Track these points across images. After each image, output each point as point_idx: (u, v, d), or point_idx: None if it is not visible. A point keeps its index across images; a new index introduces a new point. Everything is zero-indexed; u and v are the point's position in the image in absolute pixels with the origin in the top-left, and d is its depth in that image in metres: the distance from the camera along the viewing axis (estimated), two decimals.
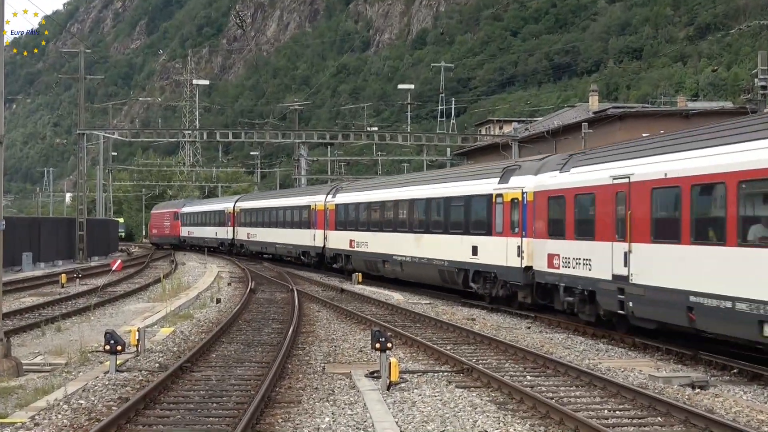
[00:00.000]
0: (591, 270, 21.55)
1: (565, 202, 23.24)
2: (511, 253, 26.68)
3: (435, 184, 34.05)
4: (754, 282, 15.21)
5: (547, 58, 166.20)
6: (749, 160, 15.00)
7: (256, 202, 63.86)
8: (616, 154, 21.47)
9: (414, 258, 34.39)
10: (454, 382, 15.75)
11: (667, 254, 18.12)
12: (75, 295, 32.83)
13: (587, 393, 14.87)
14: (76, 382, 15.37)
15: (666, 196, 18.40)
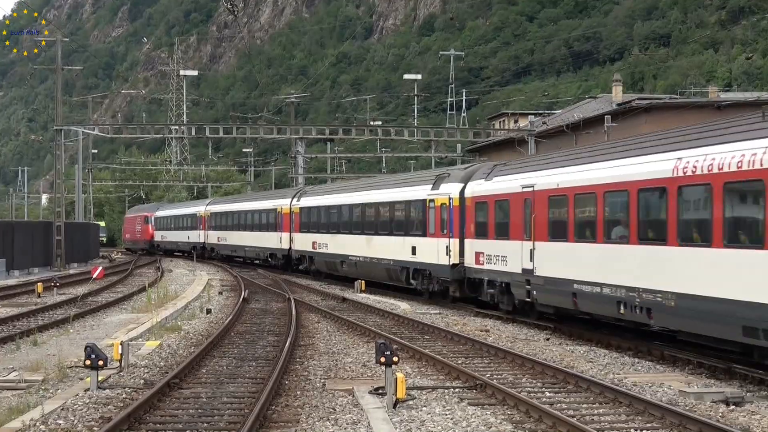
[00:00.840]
0: (507, 265, 27.58)
1: (488, 206, 29.20)
2: (441, 252, 32.58)
3: (383, 189, 40.12)
4: (615, 271, 21.30)
5: (566, 45, 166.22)
6: (611, 175, 21.65)
7: (226, 205, 69.60)
8: (526, 166, 27.67)
9: (366, 258, 40.22)
10: (466, 399, 15.74)
11: (559, 250, 24.24)
12: (52, 305, 32.84)
13: (612, 410, 14.85)
14: (54, 401, 15.37)
15: (558, 202, 24.33)
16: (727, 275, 17.20)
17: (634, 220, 20.67)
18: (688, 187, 18.54)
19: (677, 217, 18.90)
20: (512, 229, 27.19)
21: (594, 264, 22.33)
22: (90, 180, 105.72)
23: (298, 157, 70.77)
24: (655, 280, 19.56)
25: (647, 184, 20.11)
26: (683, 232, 18.75)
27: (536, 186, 25.63)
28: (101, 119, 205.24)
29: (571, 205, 23.61)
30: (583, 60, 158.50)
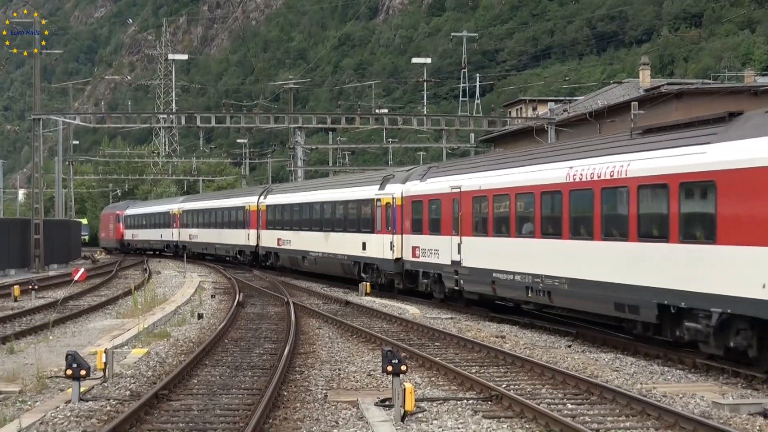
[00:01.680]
0: (439, 258, 33.57)
1: (422, 205, 35.30)
2: (386, 248, 38.49)
3: (339, 188, 46.26)
4: (524, 261, 27.05)
5: (589, 25, 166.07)
6: (521, 180, 27.40)
7: (198, 203, 75.60)
8: (455, 170, 33.90)
9: (324, 254, 46.51)
10: (480, 412, 15.74)
11: (481, 244, 30.36)
12: (30, 310, 32.89)
13: (639, 423, 14.85)
14: (33, 414, 15.40)
15: (480, 202, 30.32)
16: (604, 263, 23.08)
17: (538, 217, 26.47)
18: (576, 190, 24.37)
19: (569, 216, 24.72)
20: (443, 225, 33.31)
21: (508, 255, 28.39)
22: (71, 174, 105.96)
23: (297, 148, 70.79)
24: (554, 267, 25.52)
25: (548, 188, 25.92)
26: (573, 227, 24.55)
27: (462, 187, 31.67)
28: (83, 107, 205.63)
29: (491, 205, 29.64)
30: (608, 42, 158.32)
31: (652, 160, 21.42)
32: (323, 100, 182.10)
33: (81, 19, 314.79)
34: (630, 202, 21.95)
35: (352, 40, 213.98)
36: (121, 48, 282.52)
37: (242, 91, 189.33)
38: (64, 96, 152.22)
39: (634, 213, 21.88)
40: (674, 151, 20.81)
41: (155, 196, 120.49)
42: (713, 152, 19.38)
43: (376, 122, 68.12)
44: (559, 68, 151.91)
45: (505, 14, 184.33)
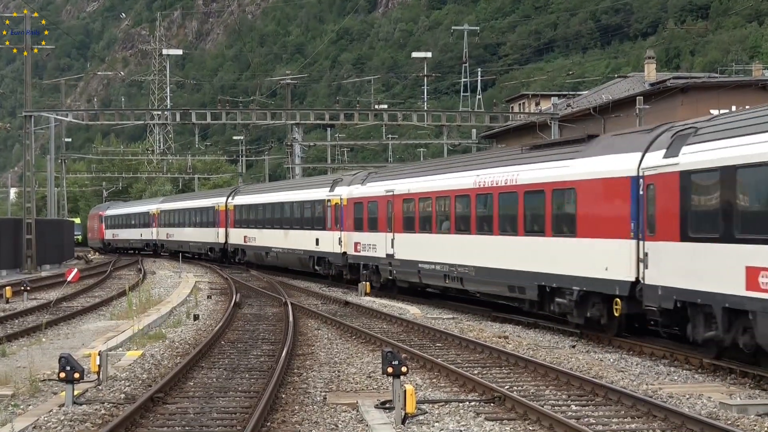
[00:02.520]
0: (376, 251, 39.80)
1: (363, 206, 41.35)
2: (335, 243, 44.89)
3: (297, 190, 52.89)
4: (443, 253, 33.14)
5: (593, 18, 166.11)
6: (440, 185, 33.70)
7: (174, 204, 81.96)
8: (390, 176, 40.40)
9: (284, 249, 53.14)
10: (483, 414, 15.77)
11: (410, 239, 36.37)
12: (23, 311, 32.92)
13: (645, 425, 14.88)
14: (26, 418, 15.41)
15: (409, 204, 36.51)
16: (500, 253, 29.22)
17: (453, 217, 32.72)
18: (480, 195, 30.69)
19: (476, 215, 31.05)
20: (380, 223, 39.48)
21: (431, 249, 34.40)
22: (63, 172, 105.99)
23: (294, 145, 70.78)
24: (464, 258, 31.66)
25: (460, 192, 32.24)
26: (479, 225, 30.87)
27: (395, 191, 38.05)
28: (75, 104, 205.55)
29: (417, 206, 35.92)
30: (612, 35, 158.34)
31: (534, 171, 27.52)
32: (321, 95, 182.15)
33: (73, 14, 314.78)
34: (519, 204, 28.15)
35: (351, 34, 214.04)
36: (114, 43, 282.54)
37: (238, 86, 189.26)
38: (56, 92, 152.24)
39: (522, 213, 28.02)
40: (549, 164, 26.84)
41: (150, 195, 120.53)
42: (574, 166, 25.50)
43: (375, 118, 68.09)
44: (562, 62, 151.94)
45: (506, 7, 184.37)
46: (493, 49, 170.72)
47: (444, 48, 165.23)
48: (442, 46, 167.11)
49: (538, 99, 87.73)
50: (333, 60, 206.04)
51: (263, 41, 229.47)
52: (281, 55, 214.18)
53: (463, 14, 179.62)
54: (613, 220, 23.67)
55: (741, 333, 18.74)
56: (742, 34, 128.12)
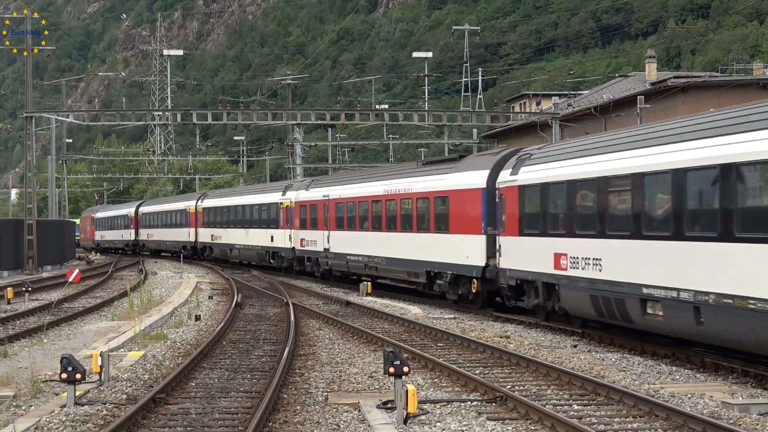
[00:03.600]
0: (316, 246, 47.95)
1: (307, 208, 49.62)
2: (286, 239, 52.83)
3: (255, 194, 60.79)
4: (364, 246, 40.70)
5: (594, 17, 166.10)
6: (363, 191, 41.49)
7: (152, 207, 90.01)
8: (327, 183, 49.14)
9: (245, 245, 60.58)
10: (485, 413, 15.76)
11: (341, 236, 44.41)
12: (24, 312, 32.93)
13: (647, 424, 14.87)
14: (27, 419, 15.42)
15: (340, 207, 44.51)
16: (402, 246, 37.37)
17: (370, 218, 40.81)
18: (389, 200, 38.93)
19: (385, 216, 39.04)
20: (319, 223, 47.69)
21: (356, 243, 42.55)
22: (64, 173, 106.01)
23: (295, 145, 70.76)
24: (378, 250, 39.79)
25: (374, 198, 40.42)
26: (387, 224, 38.98)
27: (330, 196, 46.31)
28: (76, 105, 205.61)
29: (345, 209, 43.96)
30: (613, 34, 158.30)
31: (423, 182, 36.10)
32: (322, 95, 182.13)
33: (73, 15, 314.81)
34: (413, 208, 36.54)
35: (352, 34, 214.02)
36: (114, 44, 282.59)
37: (239, 87, 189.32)
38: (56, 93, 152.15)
39: (415, 215, 36.37)
40: (432, 177, 35.49)
41: (151, 195, 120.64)
42: (448, 179, 33.99)
43: (376, 118, 68.08)
44: (563, 62, 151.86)
45: (507, 7, 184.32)
46: (493, 48, 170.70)
47: (445, 48, 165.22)
48: (443, 45, 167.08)
49: (539, 99, 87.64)
50: (334, 60, 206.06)
51: (264, 41, 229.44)
52: (282, 56, 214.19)
53: (463, 14, 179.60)
54: (471, 221, 31.93)
55: (556, 300, 26.35)
56: (743, 33, 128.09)
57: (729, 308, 18.13)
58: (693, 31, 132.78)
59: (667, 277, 20.36)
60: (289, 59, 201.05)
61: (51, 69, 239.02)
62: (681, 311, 19.89)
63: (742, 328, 17.92)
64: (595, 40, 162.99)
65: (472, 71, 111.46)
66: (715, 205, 18.74)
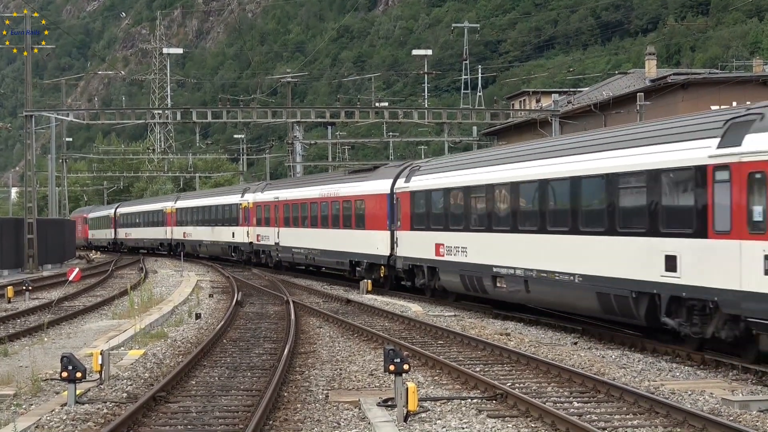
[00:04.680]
0: (269, 241, 55.63)
1: (262, 208, 57.43)
2: (245, 235, 60.40)
3: (219, 196, 69.16)
4: (305, 241, 49.64)
5: (594, 14, 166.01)
6: (305, 195, 50.64)
7: (130, 208, 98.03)
8: (279, 186, 56.86)
9: (211, 241, 68.91)
10: (485, 411, 15.78)
11: (288, 232, 52.36)
12: (24, 311, 32.95)
13: (647, 421, 14.88)
14: (28, 417, 15.43)
15: (287, 207, 52.89)
16: (332, 240, 45.09)
17: (309, 216, 49.09)
18: (322, 202, 46.95)
19: (320, 215, 47.11)
20: (271, 221, 55.56)
21: (298, 238, 50.80)
22: (64, 171, 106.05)
23: (295, 143, 70.81)
24: (315, 244, 47.86)
25: (312, 200, 48.73)
26: (321, 222, 47.09)
27: (280, 198, 54.59)
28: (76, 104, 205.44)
29: (291, 209, 52.21)
30: (613, 31, 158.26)
31: (347, 188, 44.31)
32: (322, 93, 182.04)
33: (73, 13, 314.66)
34: (340, 209, 44.72)
35: (351, 32, 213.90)
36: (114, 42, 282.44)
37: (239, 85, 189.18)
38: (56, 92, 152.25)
39: (341, 214, 44.54)
40: (354, 183, 43.71)
41: (151, 194, 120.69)
42: (364, 186, 42.02)
43: (376, 116, 68.02)
44: (562, 59, 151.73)
45: (507, 4, 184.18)
46: (493, 46, 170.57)
47: (444, 45, 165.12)
48: (443, 43, 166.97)
49: (538, 96, 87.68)
50: (333, 58, 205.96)
51: (263, 40, 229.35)
52: (282, 54, 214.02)
53: (463, 11, 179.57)
54: (380, 219, 39.86)
55: (437, 279, 34.38)
56: (743, 29, 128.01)
57: (544, 279, 26.35)
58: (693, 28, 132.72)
59: (508, 260, 28.62)
60: (289, 57, 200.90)
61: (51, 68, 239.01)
62: (517, 283, 28.10)
63: (552, 293, 26.25)
64: (595, 37, 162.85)
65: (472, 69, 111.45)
66: (536, 208, 26.96)
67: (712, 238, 19.53)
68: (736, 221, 18.89)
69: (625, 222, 22.77)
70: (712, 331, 20.00)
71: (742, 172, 18.73)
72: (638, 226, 22.16)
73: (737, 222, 18.85)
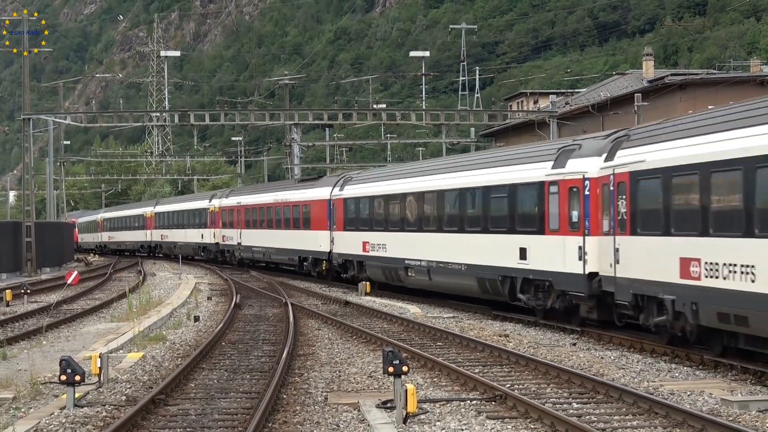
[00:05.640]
0: (233, 241, 63.00)
1: (227, 212, 64.41)
2: (213, 236, 67.23)
3: (190, 201, 76.95)
4: (263, 240, 56.86)
5: (591, 15, 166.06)
6: (262, 200, 58.65)
7: (113, 213, 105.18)
8: (241, 193, 65.72)
9: (184, 242, 75.59)
10: (484, 412, 15.79)
11: (249, 233, 59.73)
12: (23, 314, 32.93)
13: (647, 422, 14.89)
14: (27, 421, 15.42)
15: (248, 211, 60.62)
16: (285, 239, 52.59)
17: (266, 219, 55.85)
18: (277, 207, 54.51)
19: (275, 218, 54.40)
20: (235, 223, 62.50)
21: (257, 238, 57.40)
22: (62, 175, 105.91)
23: (293, 145, 70.75)
24: (270, 243, 55.02)
25: (268, 205, 56.25)
26: (276, 224, 54.18)
27: (241, 203, 61.56)
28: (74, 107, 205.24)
29: (251, 213, 59.15)
30: (610, 32, 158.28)
31: (295, 194, 51.53)
32: (319, 95, 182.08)
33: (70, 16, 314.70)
34: (291, 212, 51.49)
35: (349, 34, 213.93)
36: (111, 45, 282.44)
37: (236, 87, 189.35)
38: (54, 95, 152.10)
39: (292, 217, 51.36)
40: (301, 191, 50.81)
41: (149, 197, 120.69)
42: (310, 193, 49.07)
43: (373, 118, 68.00)
44: (560, 60, 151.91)
45: (504, 5, 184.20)
46: (491, 47, 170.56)
47: (442, 47, 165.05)
48: (440, 45, 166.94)
49: (536, 97, 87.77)
50: (331, 60, 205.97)
51: (261, 42, 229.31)
52: (279, 56, 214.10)
53: (460, 13, 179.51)
54: (322, 221, 46.81)
55: (364, 272, 41.22)
56: (740, 30, 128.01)
57: (442, 269, 33.45)
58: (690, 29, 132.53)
59: (416, 254, 35.75)
60: (287, 59, 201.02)
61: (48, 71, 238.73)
62: (423, 273, 35.19)
63: (447, 279, 33.47)
64: (592, 38, 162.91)
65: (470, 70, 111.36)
66: (435, 213, 34.31)
67: (547, 234, 26.69)
68: (562, 222, 25.91)
69: (494, 223, 29.93)
70: (551, 304, 26.97)
71: (565, 187, 25.83)
72: (502, 226, 29.38)
73: (563, 223, 25.86)
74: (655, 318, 21.89)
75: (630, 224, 22.84)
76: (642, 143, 22.82)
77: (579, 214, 25.19)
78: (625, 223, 23.09)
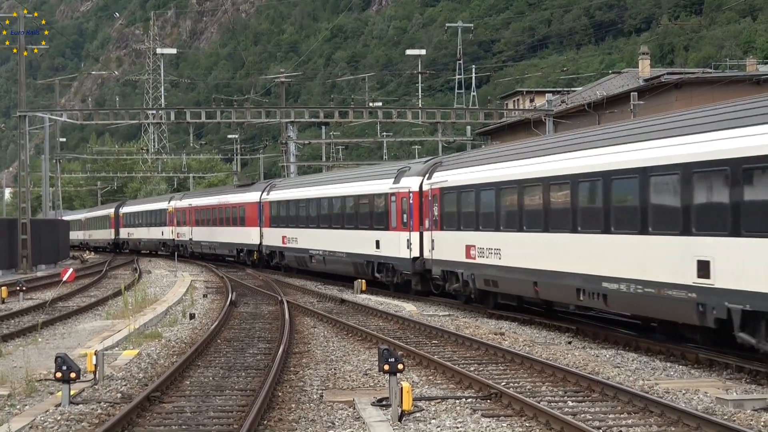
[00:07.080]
0: (186, 237, 74.67)
1: (181, 212, 75.95)
2: (170, 233, 78.54)
3: (152, 203, 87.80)
4: (212, 236, 67.56)
5: (587, 14, 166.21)
6: (209, 202, 70.09)
7: (88, 213, 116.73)
8: (193, 196, 78.80)
9: (147, 239, 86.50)
10: (479, 410, 15.78)
11: (199, 230, 71.69)
12: (18, 311, 32.89)
13: (642, 420, 14.90)
14: (22, 418, 15.41)
15: (197, 211, 71.73)
16: (228, 235, 63.42)
17: (211, 218, 67.09)
18: (223, 208, 64.44)
19: (218, 216, 65.35)
20: (187, 222, 72.03)
21: (207, 234, 68.20)
22: (58, 172, 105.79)
23: (289, 143, 70.74)
24: (215, 238, 66.32)
25: (212, 206, 67.21)
26: (220, 221, 64.36)
27: (192, 204, 72.05)
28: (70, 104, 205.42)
29: (200, 213, 70.04)
30: (606, 31, 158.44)
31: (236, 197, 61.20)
32: (315, 93, 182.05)
33: (66, 14, 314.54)
34: (230, 212, 60.59)
35: (345, 32, 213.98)
36: (107, 43, 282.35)
37: (233, 85, 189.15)
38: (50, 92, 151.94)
39: (230, 216, 60.74)
40: (238, 194, 61.55)
41: (145, 194, 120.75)
42: (246, 196, 59.38)
43: (369, 116, 67.93)
44: (556, 58, 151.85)
45: (501, 4, 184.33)
46: (487, 46, 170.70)
47: (438, 45, 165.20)
48: (437, 43, 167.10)
49: (532, 95, 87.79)
50: (327, 58, 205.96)
51: (257, 40, 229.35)
52: (275, 54, 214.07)
53: (457, 11, 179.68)
54: (254, 219, 56.48)
55: (283, 259, 52.54)
56: (736, 29, 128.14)
57: (332, 257, 44.41)
58: (686, 28, 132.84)
59: (318, 246, 46.31)
60: (283, 57, 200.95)
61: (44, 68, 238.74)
62: (321, 260, 45.73)
63: (336, 265, 44.37)
64: (589, 37, 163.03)
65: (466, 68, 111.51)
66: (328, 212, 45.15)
67: (390, 230, 37.52)
68: (398, 222, 36.78)
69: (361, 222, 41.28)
70: (397, 281, 37.55)
71: (399, 197, 36.60)
72: (365, 225, 40.48)
73: (398, 222, 36.73)
74: (453, 285, 32.42)
75: (440, 223, 33.35)
76: (448, 168, 33.45)
77: (407, 216, 36.18)
78: (437, 222, 33.64)
